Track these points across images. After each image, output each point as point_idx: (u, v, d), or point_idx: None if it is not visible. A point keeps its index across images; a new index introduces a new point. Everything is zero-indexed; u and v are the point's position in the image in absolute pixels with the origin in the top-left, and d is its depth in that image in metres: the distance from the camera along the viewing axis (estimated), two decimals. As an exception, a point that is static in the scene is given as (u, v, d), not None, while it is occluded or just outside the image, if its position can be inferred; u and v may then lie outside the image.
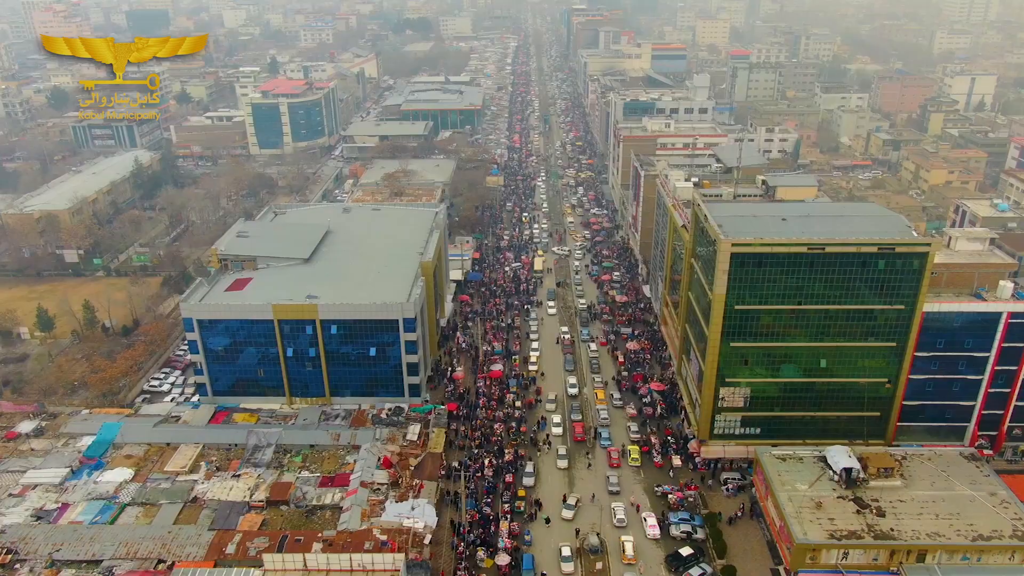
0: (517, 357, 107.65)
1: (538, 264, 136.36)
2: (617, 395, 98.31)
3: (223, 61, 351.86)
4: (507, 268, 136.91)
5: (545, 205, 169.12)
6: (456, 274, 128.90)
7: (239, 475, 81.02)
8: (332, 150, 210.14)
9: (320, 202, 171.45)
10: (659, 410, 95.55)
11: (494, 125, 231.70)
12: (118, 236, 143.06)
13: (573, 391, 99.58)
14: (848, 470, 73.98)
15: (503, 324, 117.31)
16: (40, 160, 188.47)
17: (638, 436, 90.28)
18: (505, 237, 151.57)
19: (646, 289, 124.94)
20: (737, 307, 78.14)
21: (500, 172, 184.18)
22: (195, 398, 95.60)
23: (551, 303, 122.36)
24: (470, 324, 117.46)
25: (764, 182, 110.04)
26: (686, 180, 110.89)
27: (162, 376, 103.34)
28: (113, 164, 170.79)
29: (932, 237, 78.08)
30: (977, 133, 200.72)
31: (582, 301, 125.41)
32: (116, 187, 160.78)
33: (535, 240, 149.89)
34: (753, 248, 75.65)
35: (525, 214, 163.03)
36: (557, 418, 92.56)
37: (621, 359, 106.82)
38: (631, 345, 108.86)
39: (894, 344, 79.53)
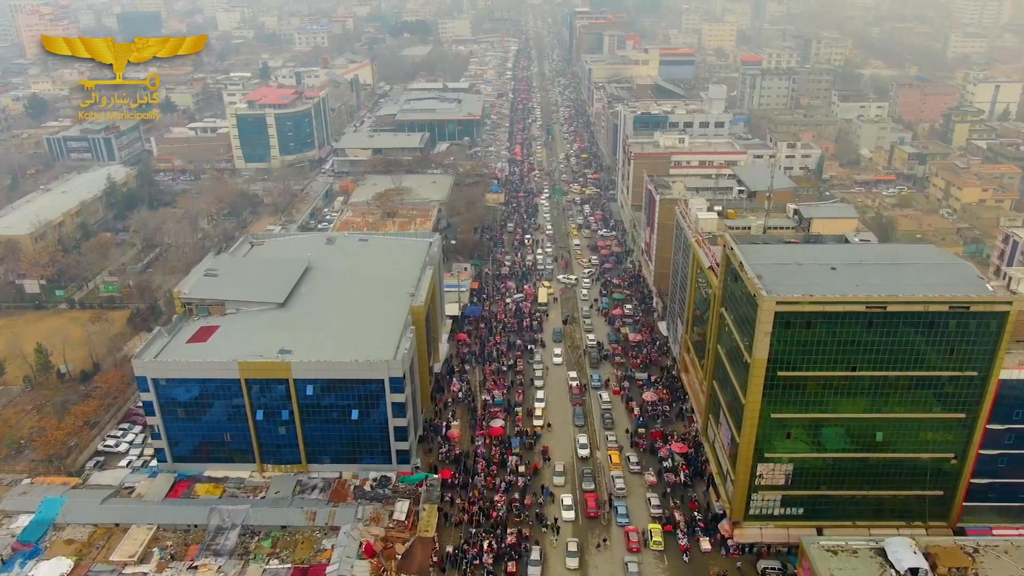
0: (520, 409, 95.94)
1: (542, 295, 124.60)
2: (634, 458, 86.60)
3: (214, 66, 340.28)
4: (508, 300, 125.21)
5: (549, 226, 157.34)
6: (452, 308, 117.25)
7: (196, 566, 69.30)
8: (323, 163, 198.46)
9: (308, 220, 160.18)
10: (682, 476, 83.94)
11: (494, 136, 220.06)
12: (84, 263, 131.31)
13: (584, 452, 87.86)
14: (915, 570, 62.23)
15: (504, 367, 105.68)
16: (11, 175, 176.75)
17: (660, 511, 78.57)
18: (506, 263, 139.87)
19: (662, 326, 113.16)
20: (780, 373, 66.44)
21: (501, 188, 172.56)
22: (153, 462, 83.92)
23: (557, 349, 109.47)
24: (468, 368, 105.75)
25: (797, 212, 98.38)
26: (709, 209, 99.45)
27: (119, 433, 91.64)
28: (85, 182, 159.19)
29: (1015, 295, 66.26)
30: (1008, 146, 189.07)
31: (591, 338, 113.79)
32: (86, 207, 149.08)
33: (539, 266, 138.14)
34: (801, 307, 63.93)
35: (528, 236, 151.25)
36: (568, 498, 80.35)
37: (637, 411, 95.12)
38: (648, 396, 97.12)
39: (963, 415, 67.83)
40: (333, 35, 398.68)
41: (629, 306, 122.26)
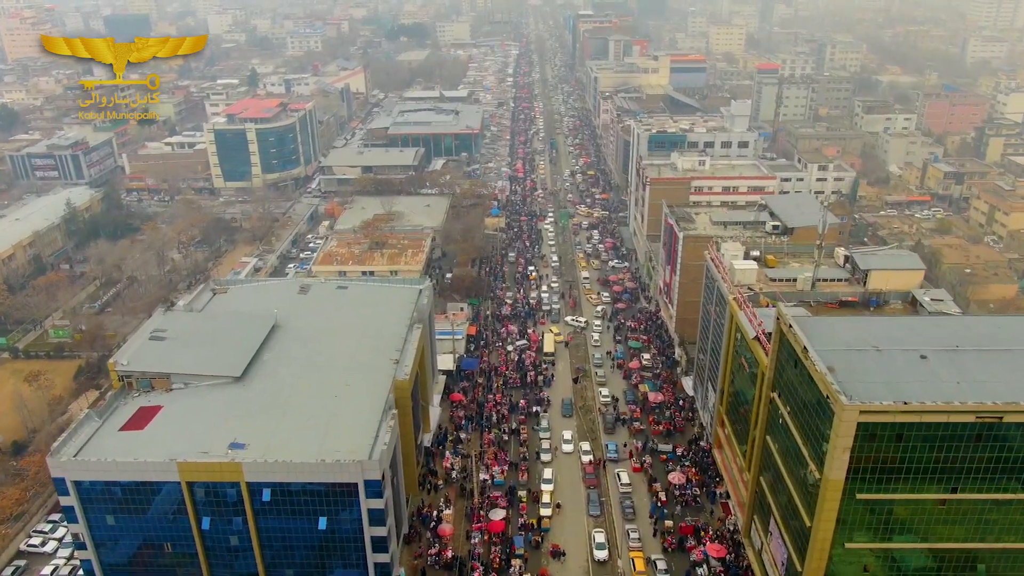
0: (524, 493, 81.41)
1: (548, 343, 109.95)
2: (662, 563, 72.00)
3: (202, 71, 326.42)
4: (510, 347, 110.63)
5: (555, 256, 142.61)
6: (446, 361, 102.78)
7: None
8: (309, 181, 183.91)
9: (290, 249, 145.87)
10: (721, 588, 69.54)
11: (494, 150, 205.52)
12: (33, 304, 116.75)
13: (602, 554, 73.34)
14: None
15: (505, 434, 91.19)
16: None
17: (696, 641, 64.10)
18: (508, 300, 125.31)
19: (687, 384, 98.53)
20: (860, 496, 51.94)
21: (501, 212, 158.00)
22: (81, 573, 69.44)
23: (567, 432, 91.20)
24: (463, 437, 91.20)
25: (849, 260, 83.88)
26: (746, 256, 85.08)
27: (48, 528, 77.15)
28: (43, 207, 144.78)
29: None
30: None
31: (604, 394, 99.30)
32: (42, 237, 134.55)
33: (544, 305, 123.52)
34: (891, 417, 49.41)
35: (531, 268, 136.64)
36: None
37: (663, 496, 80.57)
38: (675, 477, 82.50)
39: (1090, 545, 53.41)
40: (327, 39, 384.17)
41: (647, 356, 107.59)
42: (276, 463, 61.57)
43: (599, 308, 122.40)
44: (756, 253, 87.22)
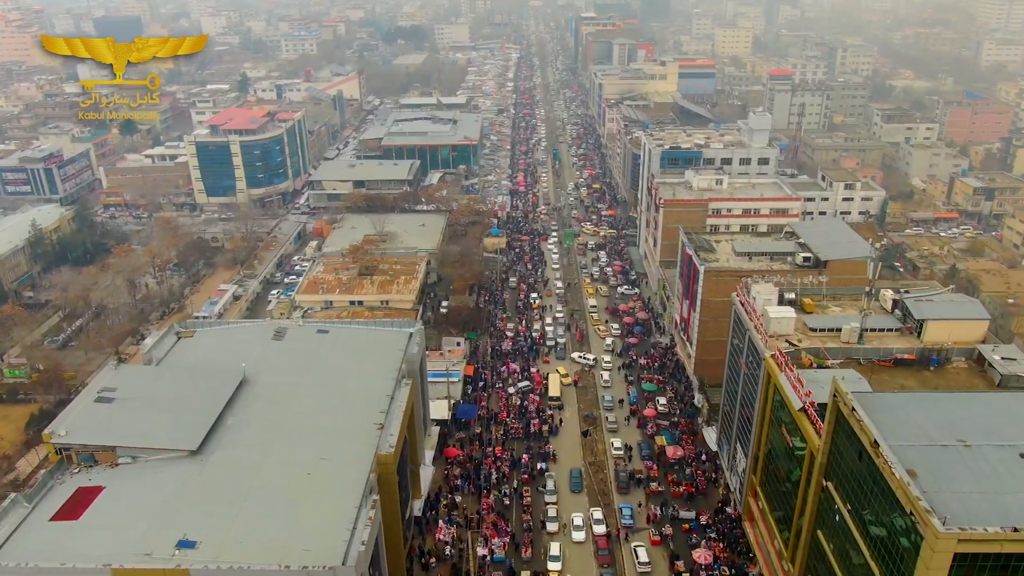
0: (528, 575, 71.03)
1: (554, 386, 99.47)
2: (691, 671, 61.68)
3: (192, 76, 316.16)
4: (511, 389, 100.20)
5: (559, 282, 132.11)
6: (440, 408, 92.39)
7: None
8: (298, 196, 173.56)
9: (273, 273, 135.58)
10: None
11: (494, 161, 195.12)
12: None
13: (618, 656, 63.02)
14: None
15: (506, 496, 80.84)
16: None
17: None
18: (508, 333, 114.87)
19: (709, 436, 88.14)
20: (951, 637, 41.52)
21: (501, 232, 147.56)
22: None
23: (578, 517, 77.87)
24: (459, 502, 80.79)
25: (899, 305, 73.44)
26: (781, 300, 74.69)
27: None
28: (8, 227, 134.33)
29: None
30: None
31: (617, 445, 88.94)
32: (3, 262, 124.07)
33: (547, 338, 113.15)
34: (998, 546, 39.00)
35: (534, 296, 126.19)
36: None
37: (687, 578, 70.29)
38: (700, 556, 72.04)
39: None
40: (323, 42, 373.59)
41: (663, 400, 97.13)
42: (230, 570, 51.11)
43: (608, 342, 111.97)
44: (791, 295, 76.74)
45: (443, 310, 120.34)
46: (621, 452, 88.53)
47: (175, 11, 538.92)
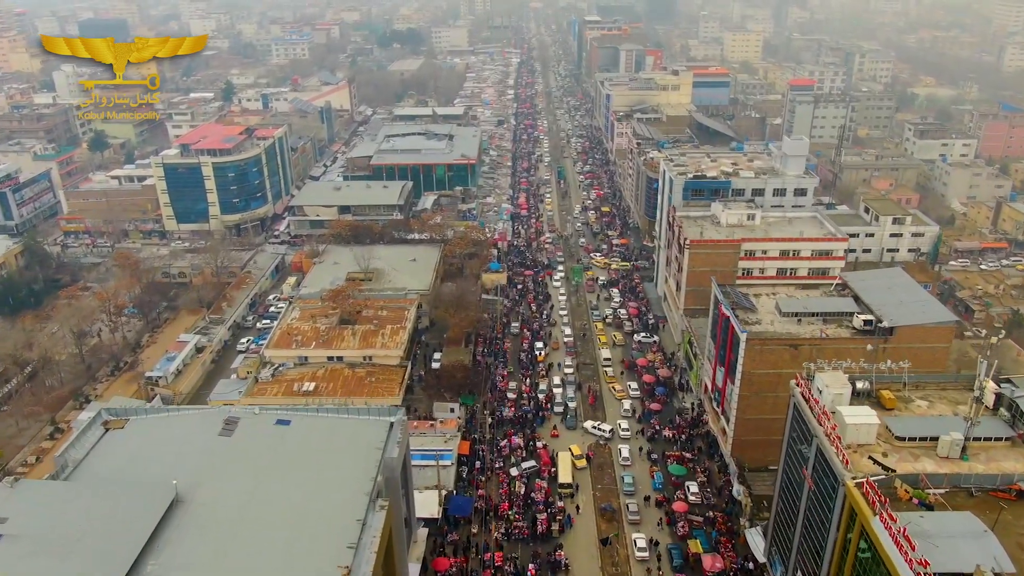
0: None
1: (564, 468, 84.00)
2: None
3: (177, 82, 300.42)
4: (514, 471, 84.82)
5: (567, 327, 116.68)
6: (429, 503, 77.06)
7: None
8: (278, 221, 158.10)
9: (245, 316, 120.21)
10: None
11: (493, 180, 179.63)
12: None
13: None
14: None
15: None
16: None
17: None
18: (510, 394, 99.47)
19: (753, 539, 72.75)
20: None
21: (502, 266, 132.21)
22: None
23: None
24: (450, 636, 65.51)
25: (1006, 402, 58.13)
26: (856, 394, 59.51)
27: None
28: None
29: None
30: None
31: (641, 546, 73.77)
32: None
33: (555, 400, 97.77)
34: None
35: (540, 346, 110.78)
36: None
37: None
38: None
39: None
40: (315, 45, 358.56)
41: (694, 488, 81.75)
42: None
43: (626, 406, 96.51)
44: (863, 383, 61.44)
45: (435, 363, 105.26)
46: (646, 553, 73.37)
47: (165, 12, 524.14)
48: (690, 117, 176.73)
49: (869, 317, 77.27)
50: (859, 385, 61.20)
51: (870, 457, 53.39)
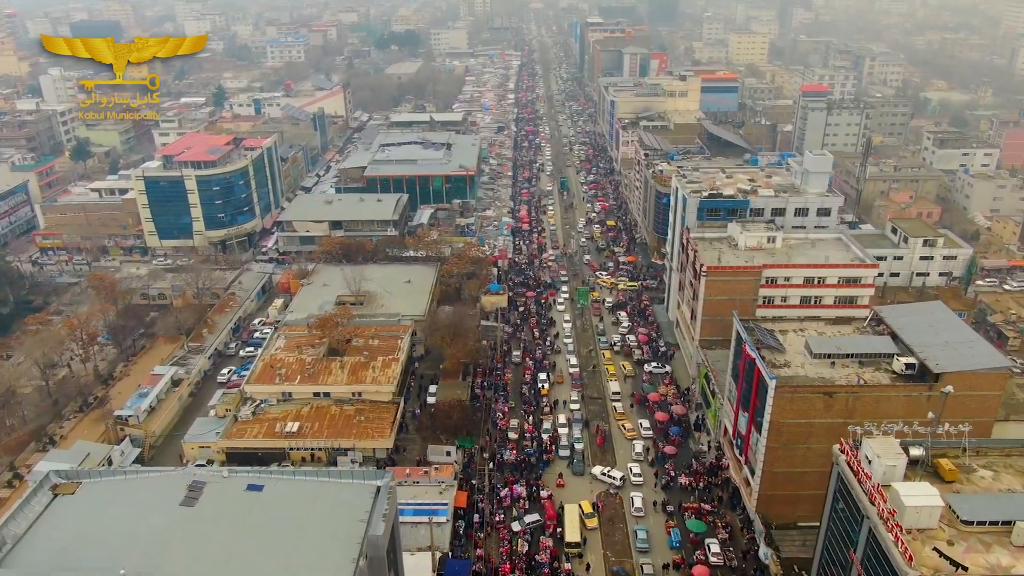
0: None
1: (571, 526, 75.90)
2: None
3: (169, 86, 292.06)
4: (516, 526, 76.84)
5: (572, 356, 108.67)
6: (422, 568, 69.07)
7: None
8: (267, 236, 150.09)
9: (227, 345, 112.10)
10: None
11: (493, 191, 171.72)
12: None
13: None
14: None
15: None
16: None
17: None
18: (512, 432, 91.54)
19: (785, 613, 64.91)
20: None
21: (503, 287, 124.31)
22: None
23: None
24: None
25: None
26: (913, 463, 51.72)
27: None
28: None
29: None
30: None
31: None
32: None
33: (561, 442, 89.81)
34: None
35: (543, 377, 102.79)
36: None
37: None
38: None
39: None
40: (311, 48, 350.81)
41: (715, 546, 73.79)
42: None
43: (639, 448, 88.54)
44: (917, 451, 53.57)
45: (430, 397, 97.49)
46: (662, 624, 65.54)
47: (160, 14, 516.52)
48: (700, 126, 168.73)
49: (911, 360, 69.46)
50: (913, 452, 53.33)
51: (935, 549, 45.52)
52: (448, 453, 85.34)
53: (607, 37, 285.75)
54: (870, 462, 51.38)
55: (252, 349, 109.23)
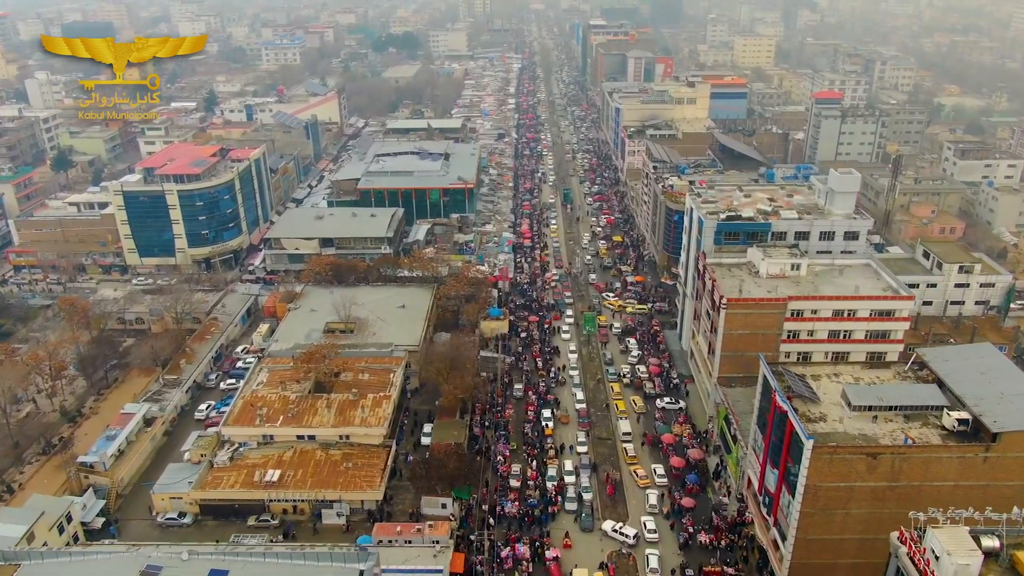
0: None
1: (581, 593, 68.34)
2: None
3: (160, 90, 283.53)
4: (519, 591, 69.18)
5: (579, 389, 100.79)
6: (413, 649, 61.30)
7: None
8: (254, 253, 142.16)
9: (207, 377, 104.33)
10: None
11: (493, 204, 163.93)
12: None
13: None
14: None
15: None
16: None
17: None
18: (513, 483, 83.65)
19: None
20: None
21: (503, 311, 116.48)
22: None
23: None
24: None
25: None
26: (989, 555, 43.75)
27: None
28: None
29: None
30: None
31: None
32: None
33: (568, 495, 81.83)
34: None
35: (546, 415, 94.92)
36: None
37: None
38: None
39: None
40: (307, 50, 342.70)
41: (741, 617, 66.04)
42: None
43: (652, 499, 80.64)
44: (991, 542, 45.73)
45: (425, 437, 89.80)
46: None
47: (155, 15, 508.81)
48: (710, 136, 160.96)
49: (964, 416, 61.61)
50: (986, 542, 45.51)
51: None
52: (444, 506, 77.59)
53: (610, 40, 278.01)
54: (937, 558, 43.60)
55: (234, 381, 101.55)
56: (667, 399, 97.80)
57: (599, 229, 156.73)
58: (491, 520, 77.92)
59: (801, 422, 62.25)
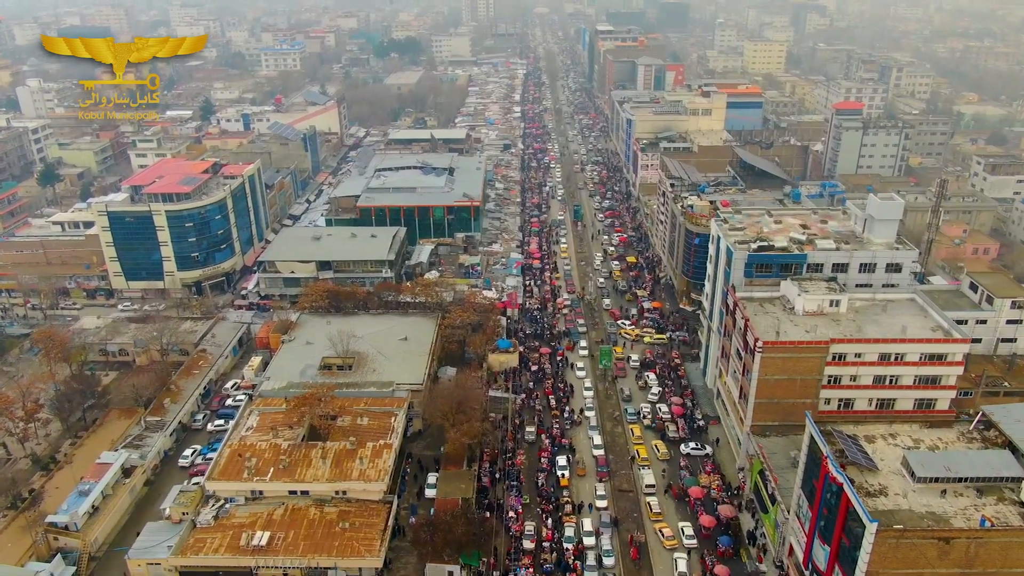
0: None
1: None
2: None
3: (160, 91, 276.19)
4: None
5: (596, 433, 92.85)
6: None
7: None
8: (247, 275, 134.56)
9: (192, 418, 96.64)
10: None
11: (500, 221, 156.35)
12: None
13: None
14: None
15: None
16: None
17: None
18: (526, 543, 75.80)
19: None
20: None
21: (513, 342, 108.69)
22: None
23: None
24: None
25: None
26: None
27: None
28: None
29: None
30: None
31: None
32: None
33: (587, 563, 73.91)
34: None
35: (560, 463, 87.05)
36: None
37: None
38: None
39: None
40: (307, 56, 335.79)
41: None
42: None
43: (682, 565, 72.75)
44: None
45: (429, 489, 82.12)
46: None
47: (154, 19, 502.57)
48: (730, 150, 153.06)
49: (1043, 492, 53.79)
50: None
51: None
52: (451, 574, 69.89)
53: (619, 46, 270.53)
54: None
55: (222, 422, 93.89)
56: (692, 444, 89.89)
57: (612, 248, 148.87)
58: (502, 589, 70.19)
59: (861, 499, 54.44)
